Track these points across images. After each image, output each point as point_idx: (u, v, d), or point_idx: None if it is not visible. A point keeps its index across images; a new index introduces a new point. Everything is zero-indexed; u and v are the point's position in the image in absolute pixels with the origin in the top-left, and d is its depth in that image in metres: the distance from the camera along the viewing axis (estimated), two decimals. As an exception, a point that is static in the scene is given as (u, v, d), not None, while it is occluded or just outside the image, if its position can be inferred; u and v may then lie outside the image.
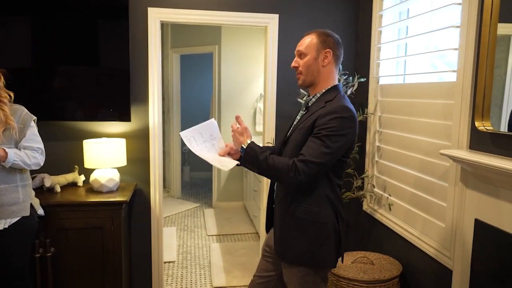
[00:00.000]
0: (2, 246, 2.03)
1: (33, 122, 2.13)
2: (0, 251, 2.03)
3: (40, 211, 2.25)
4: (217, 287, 3.17)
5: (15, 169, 2.05)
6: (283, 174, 1.56)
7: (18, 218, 2.04)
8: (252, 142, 1.69)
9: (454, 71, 1.95)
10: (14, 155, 1.98)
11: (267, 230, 1.91)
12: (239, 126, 1.75)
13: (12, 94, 2.10)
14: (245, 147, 1.67)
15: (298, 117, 1.78)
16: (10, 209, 2.01)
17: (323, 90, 1.70)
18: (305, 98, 1.80)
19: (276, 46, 2.89)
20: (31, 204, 2.12)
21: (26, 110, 2.12)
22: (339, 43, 1.71)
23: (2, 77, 2.05)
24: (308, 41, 1.69)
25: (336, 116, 1.57)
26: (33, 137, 2.11)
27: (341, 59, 1.76)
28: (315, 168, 1.55)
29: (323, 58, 1.68)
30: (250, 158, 1.66)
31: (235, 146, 1.77)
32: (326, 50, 1.67)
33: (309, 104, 1.73)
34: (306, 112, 1.72)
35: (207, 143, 1.78)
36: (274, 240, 1.74)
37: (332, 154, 1.56)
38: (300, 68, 1.71)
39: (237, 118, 1.76)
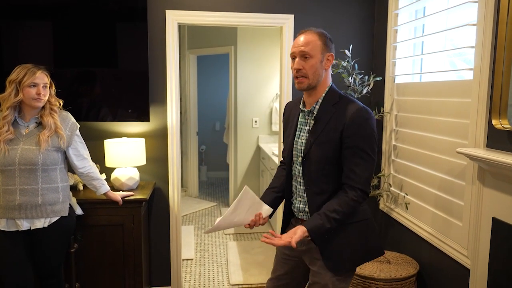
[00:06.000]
0: (41, 244, 2.10)
1: (78, 130, 2.22)
2: (38, 249, 2.10)
3: (78, 211, 2.33)
4: (235, 285, 3.22)
5: (56, 170, 2.10)
6: (357, 208, 1.59)
7: (57, 218, 2.10)
8: (308, 226, 1.55)
9: (470, 69, 1.94)
10: (106, 186, 2.34)
11: (283, 231, 1.82)
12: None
13: (61, 102, 2.17)
14: (309, 236, 1.55)
15: (307, 128, 1.68)
16: (50, 209, 2.07)
17: (323, 94, 1.65)
18: (301, 106, 1.70)
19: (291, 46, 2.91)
20: (69, 205, 2.19)
21: (73, 118, 2.21)
22: (332, 44, 1.66)
23: (53, 85, 2.13)
24: (313, 42, 1.58)
25: (362, 122, 1.57)
26: (82, 147, 2.25)
27: None
28: (370, 179, 1.60)
29: (326, 62, 1.62)
30: (322, 236, 1.58)
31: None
32: (329, 54, 1.62)
33: (315, 112, 1.65)
34: (317, 123, 1.63)
35: (250, 210, 1.72)
36: (323, 256, 1.63)
37: (375, 158, 1.60)
38: (305, 71, 1.58)
39: (271, 235, 1.57)
